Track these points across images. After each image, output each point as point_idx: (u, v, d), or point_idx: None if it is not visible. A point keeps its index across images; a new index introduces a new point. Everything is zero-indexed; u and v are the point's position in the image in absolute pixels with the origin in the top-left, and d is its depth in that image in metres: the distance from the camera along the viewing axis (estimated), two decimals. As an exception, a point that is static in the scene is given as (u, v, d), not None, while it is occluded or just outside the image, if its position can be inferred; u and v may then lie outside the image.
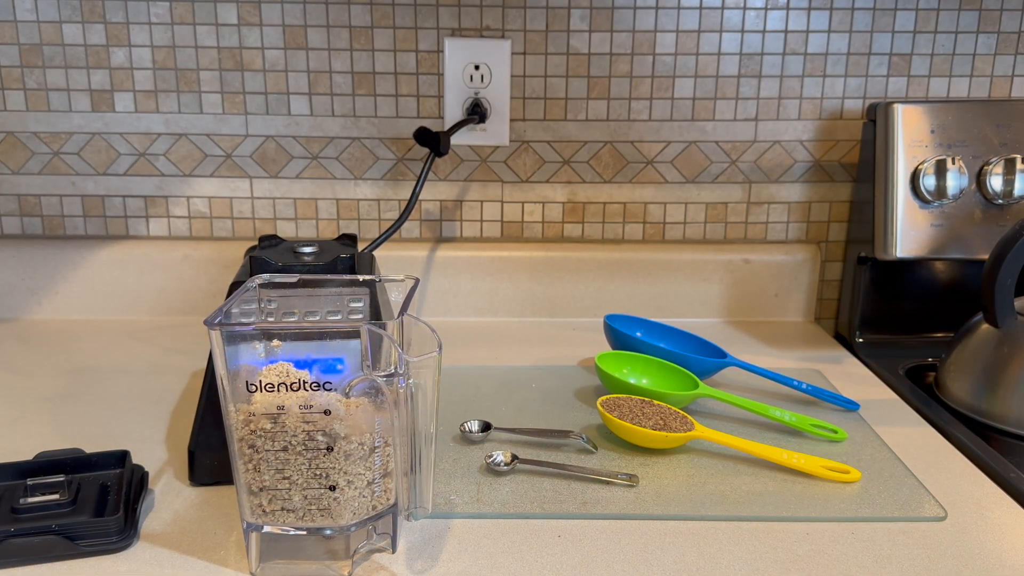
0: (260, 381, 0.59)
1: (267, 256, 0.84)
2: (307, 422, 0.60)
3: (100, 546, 0.65)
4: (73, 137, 1.14)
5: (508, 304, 1.19)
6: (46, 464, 0.71)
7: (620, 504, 0.73)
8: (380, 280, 0.73)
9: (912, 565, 0.65)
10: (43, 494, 0.67)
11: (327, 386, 0.59)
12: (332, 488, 0.61)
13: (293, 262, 0.84)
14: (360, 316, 0.75)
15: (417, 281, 0.69)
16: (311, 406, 0.59)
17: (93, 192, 1.16)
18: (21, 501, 0.66)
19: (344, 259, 0.84)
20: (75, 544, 0.64)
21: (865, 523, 0.71)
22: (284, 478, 0.61)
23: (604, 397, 0.84)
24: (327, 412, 0.60)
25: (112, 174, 1.16)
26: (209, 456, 0.75)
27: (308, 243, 0.87)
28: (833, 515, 0.72)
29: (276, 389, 0.59)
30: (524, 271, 1.17)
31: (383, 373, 0.60)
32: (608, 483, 0.76)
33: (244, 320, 0.67)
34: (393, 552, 0.65)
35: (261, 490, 0.61)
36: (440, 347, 0.62)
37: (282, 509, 0.62)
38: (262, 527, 0.62)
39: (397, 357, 0.60)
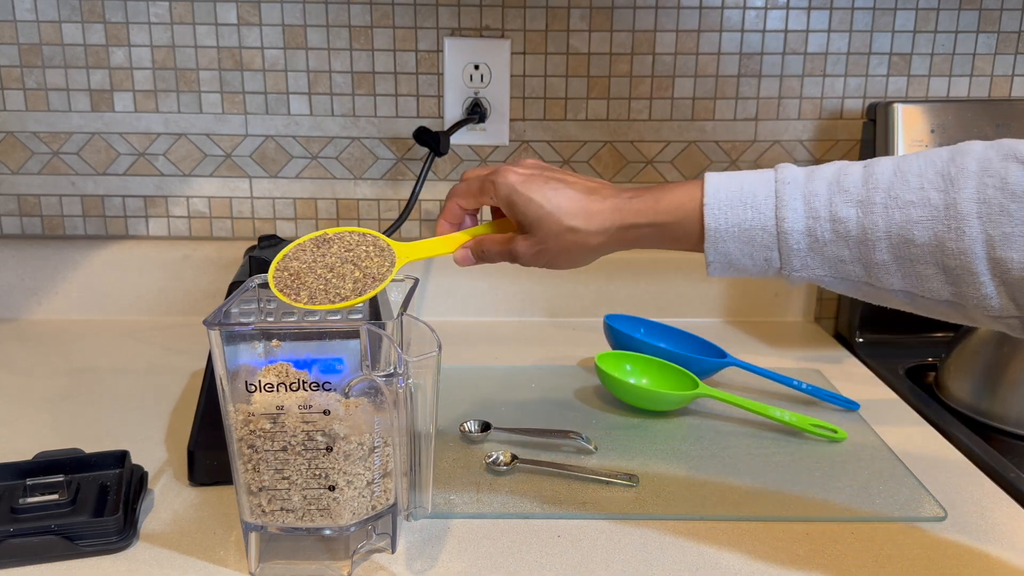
0: (259, 381, 0.59)
1: (267, 256, 0.84)
2: (306, 422, 0.60)
3: (99, 546, 0.65)
4: (73, 137, 1.14)
5: (508, 304, 1.19)
6: (45, 464, 0.71)
7: (620, 504, 0.72)
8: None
9: (912, 565, 0.65)
10: (42, 494, 0.67)
11: (326, 386, 0.59)
12: (331, 488, 0.61)
13: (293, 262, 0.84)
14: (360, 316, 0.75)
15: (416, 281, 0.69)
16: (310, 406, 0.59)
17: (93, 192, 1.16)
18: (20, 501, 0.66)
19: (344, 259, 0.84)
20: (74, 544, 0.64)
21: (865, 523, 0.71)
22: (283, 478, 0.61)
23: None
24: (326, 412, 0.60)
25: (112, 174, 1.16)
26: (209, 456, 0.75)
27: (308, 243, 0.87)
28: (833, 515, 0.72)
29: (275, 389, 0.59)
30: (524, 271, 1.17)
31: (382, 373, 0.60)
32: (608, 483, 0.75)
33: (243, 320, 0.67)
34: (393, 552, 0.65)
35: (260, 490, 0.61)
36: (439, 347, 0.62)
37: (281, 509, 0.61)
38: (261, 527, 0.62)
39: (396, 357, 0.60)
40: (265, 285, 0.69)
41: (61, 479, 0.69)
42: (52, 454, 0.73)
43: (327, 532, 0.62)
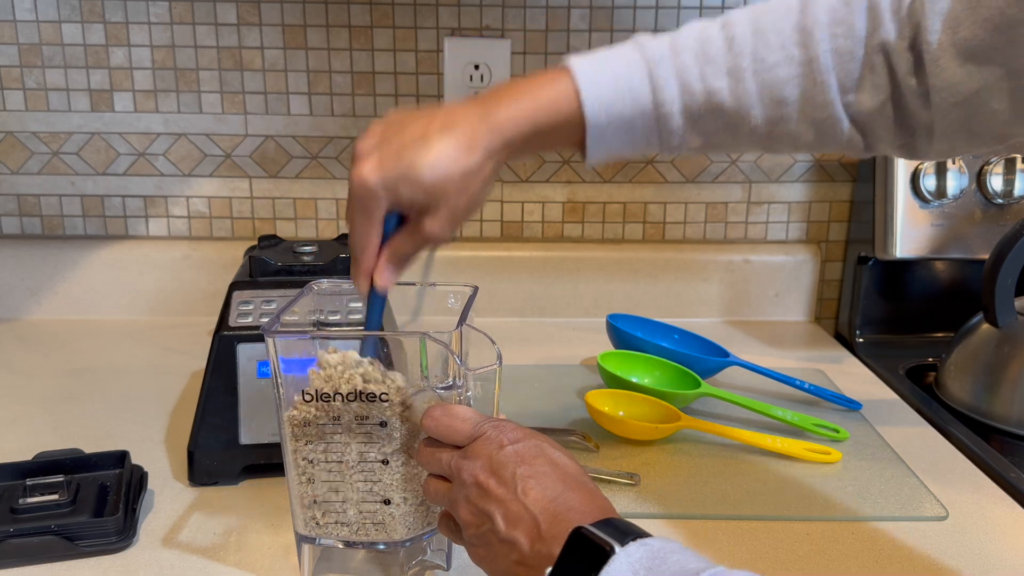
0: (316, 391, 0.58)
1: (267, 256, 0.84)
2: (363, 434, 0.58)
3: (99, 546, 0.65)
4: (72, 137, 1.14)
5: (508, 304, 1.18)
6: (45, 464, 0.71)
7: (621, 503, 0.72)
8: (435, 285, 0.70)
9: (912, 565, 0.65)
10: (42, 494, 0.67)
11: (383, 397, 0.57)
12: (387, 502, 0.59)
13: (293, 262, 0.84)
14: (359, 316, 0.75)
15: (476, 289, 0.65)
16: (367, 417, 0.58)
17: (92, 192, 1.16)
18: (20, 501, 0.66)
19: (344, 259, 0.84)
20: (74, 544, 0.64)
21: (865, 523, 0.71)
22: (338, 491, 0.59)
23: (592, 392, 0.85)
24: (383, 424, 0.58)
25: (111, 174, 1.16)
26: (208, 456, 0.74)
27: (308, 243, 0.87)
28: (833, 515, 0.72)
29: (332, 399, 0.58)
30: (524, 271, 1.17)
31: (442, 385, 0.58)
32: (609, 482, 0.75)
33: (295, 327, 0.64)
34: (447, 569, 0.64)
35: (315, 503, 0.60)
36: (500, 358, 0.59)
37: (336, 523, 0.60)
38: (316, 540, 0.61)
39: (457, 368, 0.58)
40: (322, 293, 0.67)
41: (61, 479, 0.69)
42: (52, 454, 0.73)
43: (381, 547, 0.61)
